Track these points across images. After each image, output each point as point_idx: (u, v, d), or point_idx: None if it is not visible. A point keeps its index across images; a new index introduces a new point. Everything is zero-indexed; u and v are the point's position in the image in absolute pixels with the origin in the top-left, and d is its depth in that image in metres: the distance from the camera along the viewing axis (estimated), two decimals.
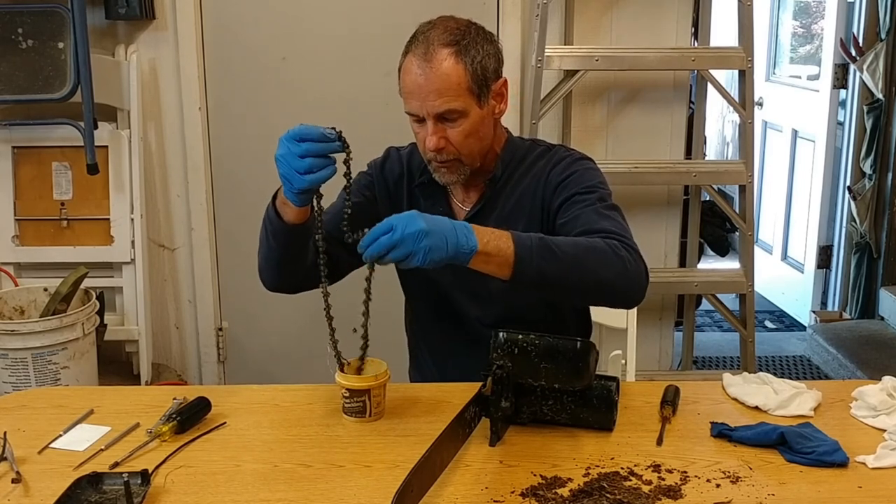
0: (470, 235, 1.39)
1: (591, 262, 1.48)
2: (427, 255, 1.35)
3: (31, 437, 1.48)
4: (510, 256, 1.42)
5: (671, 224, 3.30)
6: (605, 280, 1.49)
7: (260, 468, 1.39)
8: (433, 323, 1.85)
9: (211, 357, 3.37)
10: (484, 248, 1.40)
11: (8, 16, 2.95)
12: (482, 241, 1.40)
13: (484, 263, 1.42)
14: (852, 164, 4.14)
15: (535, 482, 1.33)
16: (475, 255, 1.40)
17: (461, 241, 1.38)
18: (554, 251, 1.45)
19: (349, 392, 1.52)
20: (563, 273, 1.46)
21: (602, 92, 3.17)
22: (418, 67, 1.58)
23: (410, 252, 1.35)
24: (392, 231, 1.35)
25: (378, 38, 3.13)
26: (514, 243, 1.43)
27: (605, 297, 1.56)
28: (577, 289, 1.50)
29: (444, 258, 1.37)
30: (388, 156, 1.84)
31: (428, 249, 1.35)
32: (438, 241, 1.36)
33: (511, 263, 1.42)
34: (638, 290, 1.54)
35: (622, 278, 1.50)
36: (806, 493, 1.32)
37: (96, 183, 3.09)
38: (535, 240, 1.46)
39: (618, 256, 1.50)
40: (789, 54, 5.09)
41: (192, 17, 3.10)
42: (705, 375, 3.54)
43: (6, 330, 2.73)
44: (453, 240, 1.37)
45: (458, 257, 1.39)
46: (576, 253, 1.48)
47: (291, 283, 1.72)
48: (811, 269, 4.40)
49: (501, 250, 1.42)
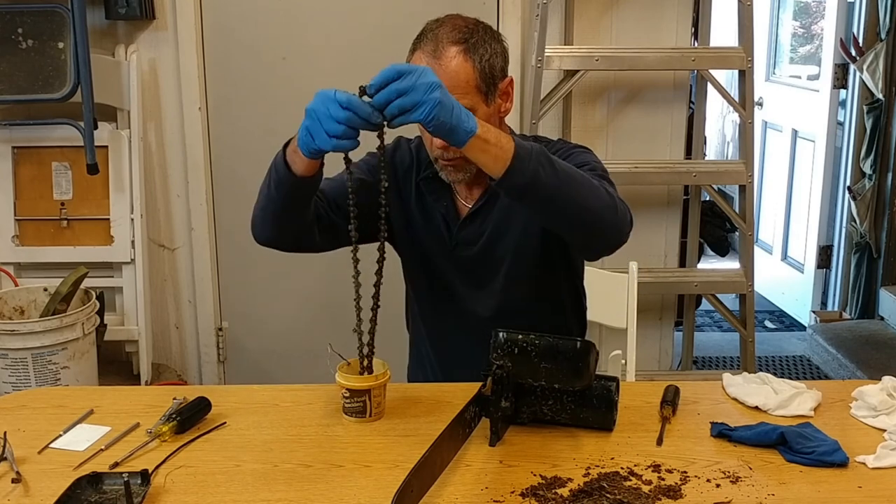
0: (472, 118, 1.38)
1: (584, 187, 1.48)
2: (434, 109, 1.32)
3: (31, 437, 1.48)
4: (509, 151, 1.40)
5: (671, 224, 3.30)
6: (594, 207, 1.48)
7: (260, 468, 1.39)
8: (433, 315, 1.86)
9: (211, 357, 3.37)
10: (484, 133, 1.39)
11: (8, 16, 2.95)
12: (482, 127, 1.39)
13: (481, 151, 1.40)
14: (852, 164, 4.14)
15: (535, 482, 1.33)
16: (474, 137, 1.37)
17: (464, 118, 1.37)
18: (553, 162, 1.44)
19: (349, 392, 1.52)
20: (556, 185, 1.44)
21: (602, 92, 3.17)
22: (427, 65, 1.58)
23: (419, 101, 1.32)
24: (402, 76, 1.32)
25: (378, 38, 3.14)
26: (515, 142, 1.42)
27: (591, 225, 1.52)
28: (565, 207, 1.47)
29: (447, 122, 1.34)
30: (399, 145, 1.84)
31: (437, 103, 1.32)
32: (447, 101, 1.34)
33: (508, 158, 1.40)
34: (622, 230, 1.54)
35: (610, 212, 1.50)
36: (806, 493, 1.32)
37: (96, 183, 3.10)
38: (537, 147, 1.45)
39: (608, 194, 1.51)
40: (789, 54, 5.09)
41: (192, 17, 3.10)
42: (705, 375, 3.54)
43: (6, 330, 2.73)
44: (458, 112, 1.36)
45: (457, 131, 1.36)
46: (573, 173, 1.47)
47: (284, 239, 1.69)
48: (811, 269, 4.40)
49: (501, 143, 1.40)
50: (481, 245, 1.75)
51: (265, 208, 1.63)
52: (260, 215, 1.66)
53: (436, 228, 1.78)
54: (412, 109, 1.32)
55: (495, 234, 1.74)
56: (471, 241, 1.75)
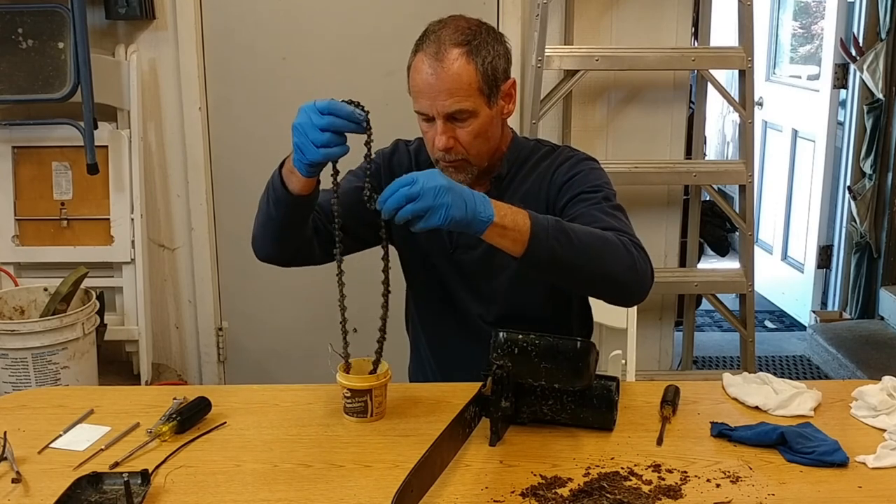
0: (487, 205, 1.39)
1: (604, 252, 1.48)
2: (447, 213, 1.34)
3: (31, 437, 1.48)
4: (526, 233, 1.41)
5: (671, 224, 3.30)
6: (613, 272, 1.49)
7: (260, 468, 1.39)
8: (435, 319, 1.85)
9: (211, 357, 3.37)
10: (501, 220, 1.40)
11: (8, 16, 2.95)
12: (499, 214, 1.40)
13: (499, 236, 1.41)
14: (852, 164, 4.14)
15: (535, 482, 1.33)
16: (491, 225, 1.39)
17: (479, 209, 1.38)
18: (569, 234, 1.45)
19: (351, 392, 1.52)
20: (575, 258, 1.45)
21: (602, 92, 3.17)
22: (429, 67, 1.57)
23: (430, 207, 1.33)
24: (413, 183, 1.34)
25: (378, 38, 3.14)
26: (531, 220, 1.42)
27: (611, 289, 1.55)
28: (585, 276, 1.50)
29: (463, 219, 1.36)
30: (397, 148, 1.84)
31: (448, 206, 1.34)
32: (458, 201, 1.35)
33: (526, 240, 1.42)
34: (643, 288, 1.54)
35: (630, 273, 1.51)
36: (806, 493, 1.32)
37: (96, 183, 3.10)
38: (552, 221, 1.46)
39: (628, 252, 1.51)
40: (789, 54, 5.09)
41: (192, 17, 3.10)
42: (705, 375, 3.54)
43: (6, 330, 2.73)
44: (472, 204, 1.37)
45: (474, 223, 1.38)
46: (590, 241, 1.48)
47: (283, 255, 1.71)
48: (811, 269, 4.40)
49: (518, 225, 1.41)
50: (483, 249, 1.74)
51: (265, 225, 1.65)
52: (260, 232, 1.67)
53: (436, 231, 1.77)
54: (426, 216, 1.34)
55: None
56: (472, 245, 1.74)
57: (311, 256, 1.69)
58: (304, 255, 1.68)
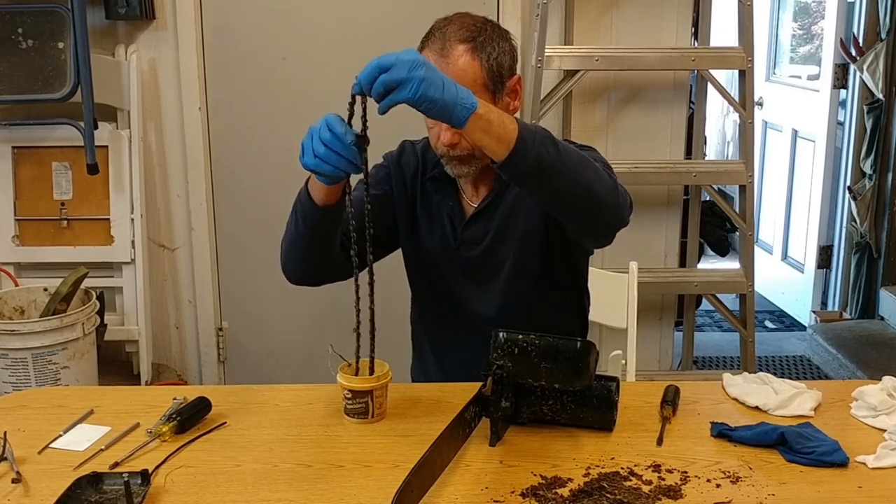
0: (470, 95, 1.36)
1: (588, 169, 1.48)
2: (420, 87, 1.30)
3: (31, 437, 1.48)
4: (512, 132, 1.38)
5: (671, 224, 3.30)
6: (596, 189, 1.48)
7: (260, 468, 1.39)
8: (435, 316, 1.86)
9: (211, 357, 3.38)
10: (485, 112, 1.36)
11: (8, 16, 2.95)
12: (484, 107, 1.37)
13: (483, 131, 1.37)
14: (852, 164, 4.14)
15: (535, 482, 1.33)
16: (474, 114, 1.35)
17: (461, 96, 1.34)
18: (556, 143, 1.44)
19: (351, 393, 1.51)
20: (559, 167, 1.42)
21: (602, 92, 3.17)
22: (434, 63, 1.58)
23: (403, 79, 1.30)
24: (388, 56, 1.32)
25: (378, 38, 3.14)
26: (519, 123, 1.40)
27: (592, 209, 1.51)
28: (569, 189, 1.46)
29: (440, 100, 1.32)
30: (404, 149, 1.84)
31: (422, 80, 1.30)
32: (435, 78, 1.32)
33: (512, 139, 1.38)
34: (622, 211, 1.54)
35: (612, 195, 1.51)
36: (806, 493, 1.31)
37: (96, 183, 3.10)
38: (540, 128, 1.44)
39: (612, 179, 1.52)
40: (789, 54, 5.09)
41: (192, 17, 3.10)
42: (705, 375, 3.54)
43: (6, 330, 2.73)
44: (452, 88, 1.34)
45: (455, 108, 1.34)
46: (577, 157, 1.47)
47: (314, 274, 1.71)
48: (811, 269, 4.40)
49: (504, 124, 1.38)
50: (485, 245, 1.75)
51: (293, 244, 1.65)
52: (288, 252, 1.68)
53: (441, 228, 1.78)
54: (398, 88, 1.31)
55: (499, 234, 1.74)
56: (475, 241, 1.75)
57: (340, 272, 1.68)
58: (334, 272, 1.66)
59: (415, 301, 1.91)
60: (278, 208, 1.87)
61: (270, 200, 3.12)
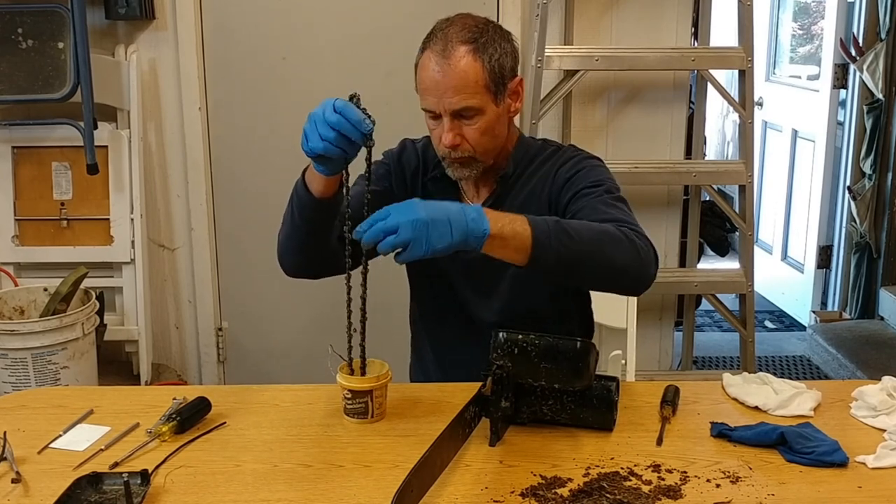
0: (481, 219, 1.37)
1: (607, 246, 1.48)
2: (429, 244, 1.32)
3: (31, 437, 1.48)
4: (528, 240, 1.40)
5: (671, 224, 3.30)
6: (619, 265, 1.49)
7: (260, 468, 1.39)
8: (436, 317, 1.85)
9: (211, 357, 3.37)
10: (499, 231, 1.38)
11: (8, 16, 2.95)
12: (496, 226, 1.38)
13: (500, 248, 1.40)
14: (852, 164, 4.14)
15: (535, 482, 1.33)
16: (488, 238, 1.37)
17: (471, 226, 1.35)
18: (570, 234, 1.44)
19: (351, 393, 1.52)
20: (577, 255, 1.44)
21: (602, 92, 3.17)
22: (436, 64, 1.58)
23: (410, 240, 1.32)
24: (387, 217, 1.33)
25: (378, 38, 3.14)
26: (532, 227, 1.41)
27: (618, 281, 1.54)
28: (591, 272, 1.49)
29: (452, 244, 1.34)
30: (405, 147, 1.84)
31: (428, 239, 1.32)
32: (441, 228, 1.33)
33: (528, 248, 1.40)
34: (648, 274, 1.54)
35: (635, 264, 1.51)
36: (806, 493, 1.32)
37: (96, 183, 3.10)
38: (552, 223, 1.44)
39: (630, 242, 1.50)
40: (789, 54, 5.09)
41: (192, 17, 3.10)
42: (705, 375, 3.54)
43: (6, 330, 2.73)
44: (461, 225, 1.34)
45: (468, 242, 1.36)
46: (592, 237, 1.47)
47: (311, 266, 1.70)
48: (811, 269, 4.40)
49: (518, 234, 1.40)
50: None
51: (290, 236, 1.65)
52: (285, 244, 1.67)
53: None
54: (408, 248, 1.32)
55: None
56: None
57: (338, 264, 1.68)
58: (331, 264, 1.66)
59: (415, 300, 1.91)
60: (278, 208, 1.86)
61: (270, 200, 3.10)
